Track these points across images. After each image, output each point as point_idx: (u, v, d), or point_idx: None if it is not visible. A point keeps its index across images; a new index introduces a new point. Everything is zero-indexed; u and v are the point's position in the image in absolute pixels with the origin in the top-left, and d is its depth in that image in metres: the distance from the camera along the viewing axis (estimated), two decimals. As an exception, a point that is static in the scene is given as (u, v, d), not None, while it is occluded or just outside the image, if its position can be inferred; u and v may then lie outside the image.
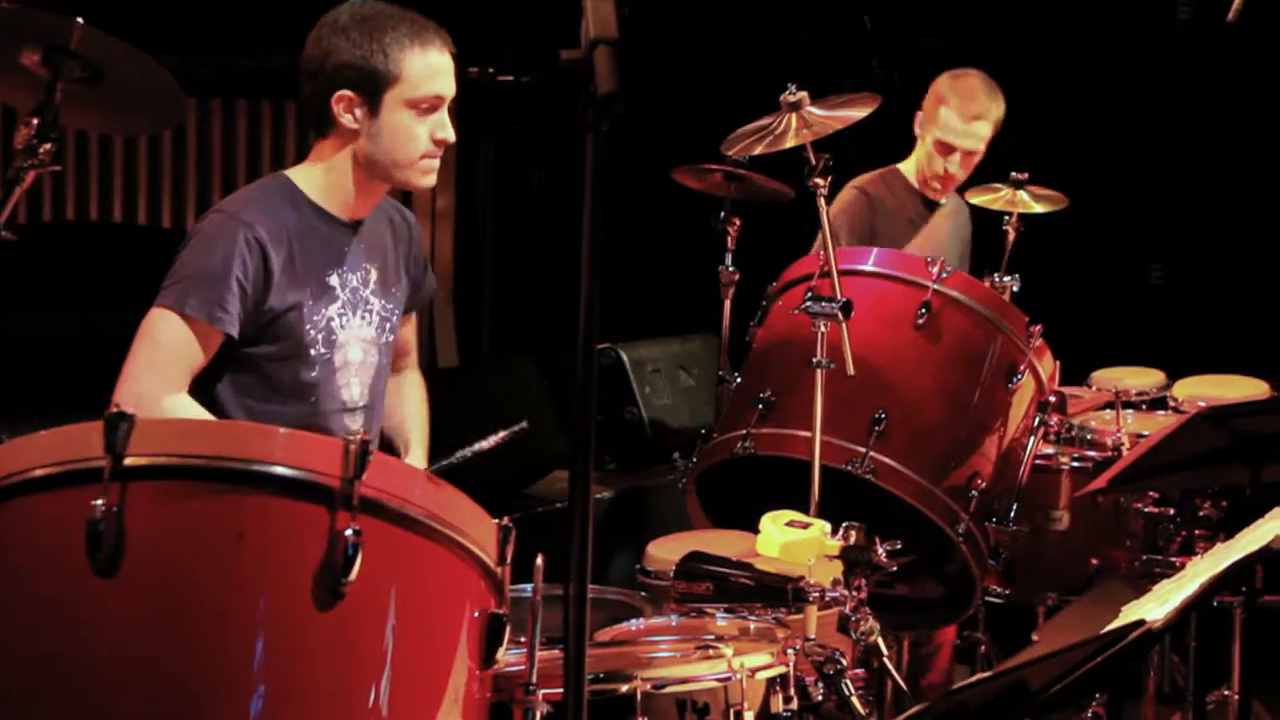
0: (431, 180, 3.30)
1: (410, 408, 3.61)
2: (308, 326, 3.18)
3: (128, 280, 3.11)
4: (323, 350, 3.21)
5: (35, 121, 3.07)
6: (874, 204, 4.86)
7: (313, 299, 3.19)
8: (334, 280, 3.23)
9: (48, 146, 3.08)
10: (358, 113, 3.17)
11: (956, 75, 4.90)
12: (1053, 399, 4.24)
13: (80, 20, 3.04)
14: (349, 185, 3.24)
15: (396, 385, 3.54)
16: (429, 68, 3.18)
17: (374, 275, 3.32)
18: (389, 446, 3.50)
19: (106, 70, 3.13)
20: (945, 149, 4.84)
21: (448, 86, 3.22)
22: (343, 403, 3.26)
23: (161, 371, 3.03)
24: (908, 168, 5.00)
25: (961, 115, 4.80)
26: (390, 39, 3.14)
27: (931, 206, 5.00)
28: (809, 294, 3.86)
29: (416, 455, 3.52)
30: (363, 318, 3.29)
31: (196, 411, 3.01)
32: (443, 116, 3.22)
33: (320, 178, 3.25)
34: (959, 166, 4.86)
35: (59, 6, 3.04)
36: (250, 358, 3.15)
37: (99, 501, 2.13)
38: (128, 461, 2.15)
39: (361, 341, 3.29)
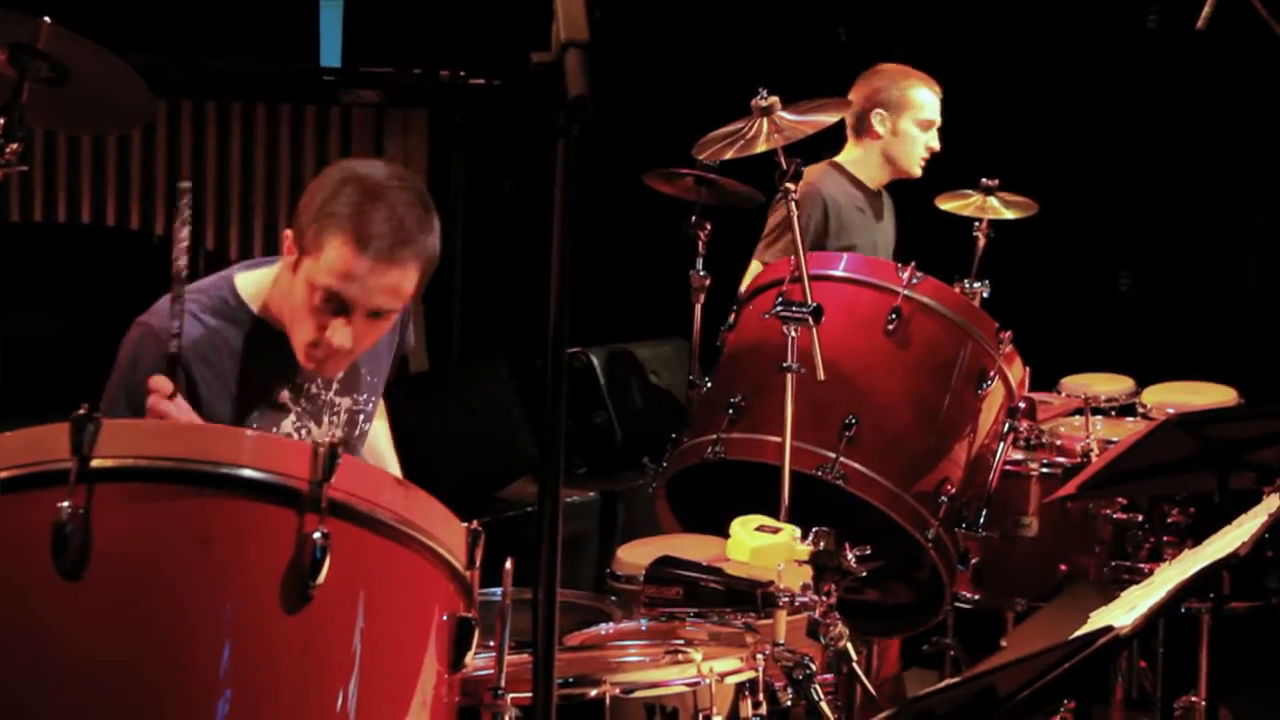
0: (321, 371, 2.96)
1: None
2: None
3: (95, 282, 3.08)
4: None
5: (2, 121, 3.06)
6: (826, 199, 4.86)
7: (258, 420, 2.96)
8: (284, 395, 3.00)
9: (15, 146, 3.07)
10: (290, 259, 2.88)
11: (890, 66, 5.04)
12: (1022, 405, 4.25)
13: (48, 19, 3.03)
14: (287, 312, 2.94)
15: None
16: (344, 266, 2.78)
17: (341, 374, 3.07)
18: None
19: (74, 70, 3.12)
20: (927, 125, 4.95)
21: (366, 298, 2.81)
22: None
23: None
24: (848, 159, 5.03)
25: (932, 91, 4.96)
26: (334, 209, 2.80)
27: (874, 195, 5.04)
28: (780, 299, 3.87)
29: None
30: (329, 422, 3.08)
31: None
32: (340, 327, 2.83)
33: (270, 295, 2.97)
34: (935, 139, 4.98)
35: (26, 5, 3.02)
36: None
37: (65, 503, 2.11)
38: (94, 463, 2.13)
39: None
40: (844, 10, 6.97)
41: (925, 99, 4.94)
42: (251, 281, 3.01)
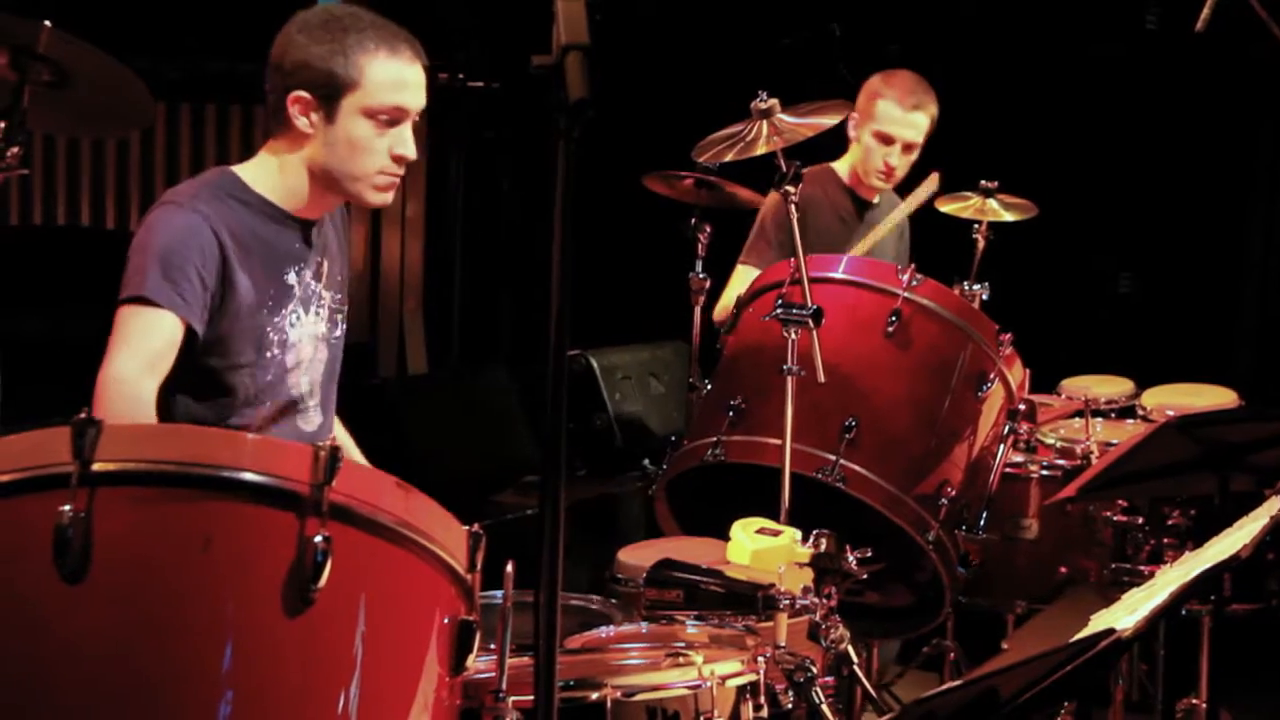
0: (386, 199, 3.13)
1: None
2: (268, 329, 3.05)
3: (95, 285, 3.07)
4: (276, 352, 3.08)
5: (2, 125, 3.06)
6: (799, 202, 4.82)
7: (273, 300, 3.06)
8: (291, 278, 3.10)
9: (15, 150, 3.08)
10: (313, 117, 3.01)
11: (889, 73, 4.93)
12: (1022, 407, 4.25)
13: (48, 23, 3.03)
14: (302, 190, 3.08)
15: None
16: (392, 76, 3.00)
17: (325, 266, 3.19)
18: None
19: (74, 73, 3.12)
20: (885, 139, 4.83)
21: (413, 100, 3.03)
22: (292, 398, 3.13)
23: (127, 368, 2.89)
24: (841, 166, 4.99)
25: (901, 105, 4.82)
26: (353, 40, 2.97)
27: (865, 206, 4.99)
28: (779, 301, 3.87)
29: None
30: (315, 313, 3.16)
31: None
32: (404, 132, 3.04)
33: (273, 177, 3.08)
34: (899, 157, 4.85)
35: (26, 9, 3.02)
36: (208, 365, 3.00)
37: (66, 507, 2.11)
38: (96, 467, 2.13)
39: (313, 338, 3.16)
40: (840, 8, 6.97)
41: (890, 113, 4.81)
42: (248, 171, 3.10)
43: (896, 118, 4.82)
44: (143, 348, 2.92)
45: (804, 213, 4.76)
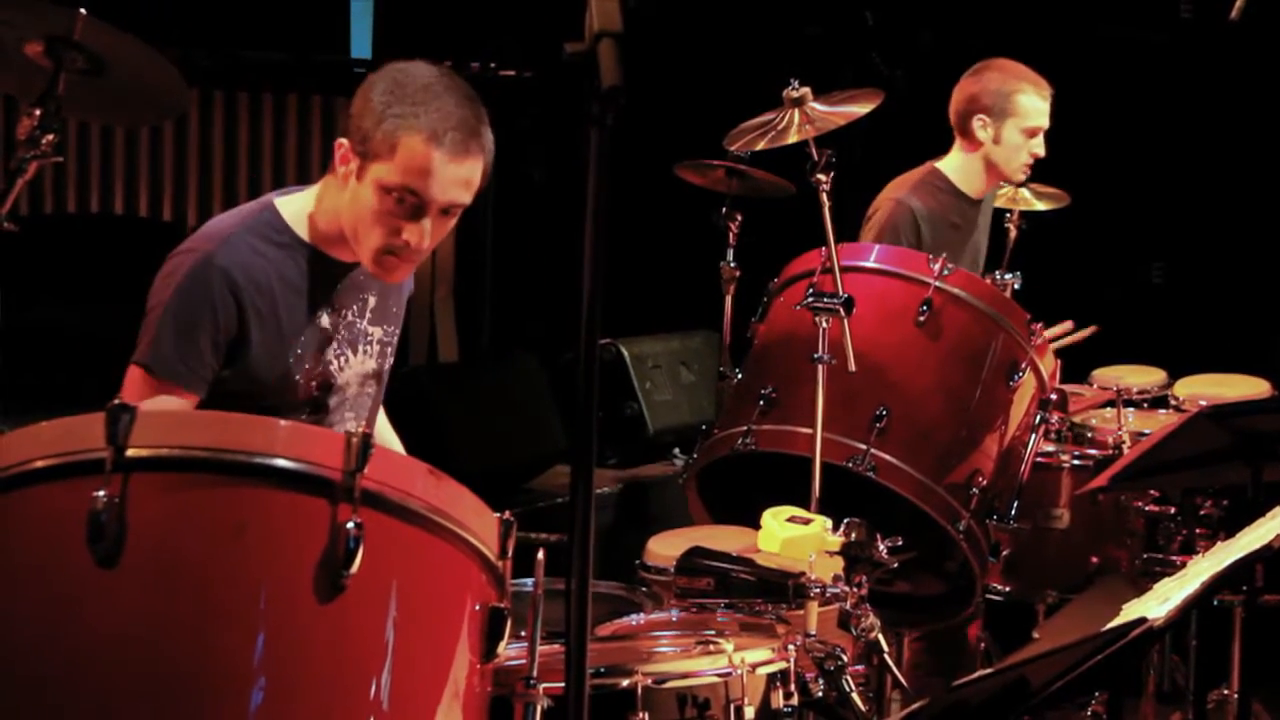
0: (390, 276, 2.99)
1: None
2: (297, 376, 2.99)
3: (128, 273, 3.08)
4: (317, 394, 3.02)
5: (38, 112, 3.08)
6: (918, 218, 4.77)
7: (302, 348, 3.00)
8: (325, 321, 3.03)
9: (50, 137, 3.08)
10: (351, 167, 2.91)
11: (994, 65, 4.83)
12: (1054, 397, 4.23)
13: (83, 11, 3.04)
14: (334, 231, 2.99)
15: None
16: (420, 163, 2.84)
17: (371, 302, 3.11)
18: None
19: (109, 61, 3.13)
20: (1033, 132, 4.77)
21: (438, 191, 2.86)
22: None
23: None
24: (950, 166, 4.87)
25: (1039, 95, 4.76)
26: (405, 112, 2.84)
27: (973, 205, 4.89)
28: (811, 290, 3.86)
29: None
30: (364, 351, 3.11)
31: None
32: (424, 222, 2.88)
33: (317, 216, 3.01)
34: (1041, 145, 4.81)
35: (62, -2, 3.04)
36: (237, 402, 2.90)
37: (100, 492, 2.12)
38: (129, 453, 2.14)
39: (360, 376, 3.11)
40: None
41: (1033, 105, 4.74)
42: (292, 205, 3.04)
43: (1040, 109, 4.77)
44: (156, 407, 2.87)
45: (928, 227, 4.73)
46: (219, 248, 2.93)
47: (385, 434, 3.38)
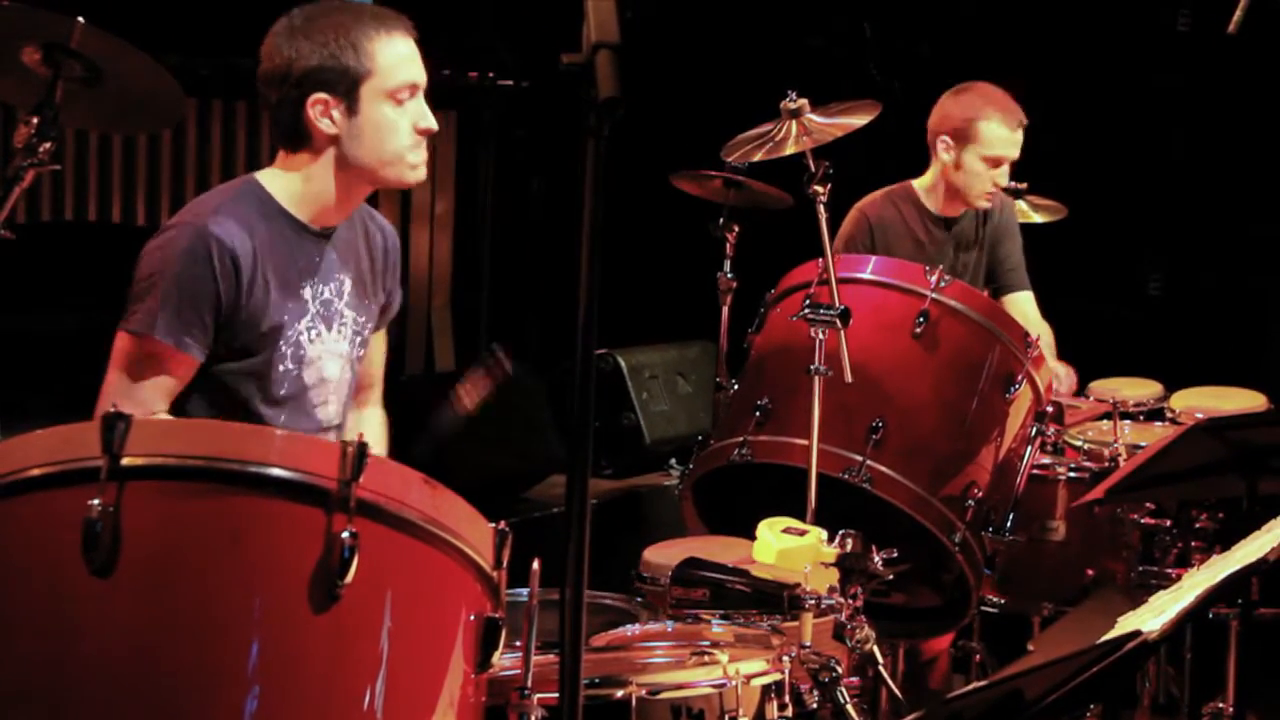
0: (421, 174, 3.16)
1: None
2: (280, 343, 3.05)
3: (125, 281, 3.08)
4: (290, 367, 3.07)
5: (35, 120, 3.07)
6: (873, 228, 4.78)
7: (288, 314, 3.06)
8: (306, 292, 3.10)
9: (47, 145, 3.08)
10: (335, 115, 3.03)
11: (974, 90, 4.80)
12: (1050, 409, 4.24)
13: (81, 19, 3.04)
14: (329, 193, 3.09)
15: (355, 424, 3.31)
16: (399, 55, 3.06)
17: (348, 285, 3.18)
18: None
19: (107, 69, 3.13)
20: (995, 162, 4.72)
21: (419, 73, 3.10)
22: (318, 422, 3.13)
23: (137, 396, 2.93)
24: (922, 183, 4.88)
25: (1007, 125, 4.71)
26: (356, 33, 3.02)
27: (949, 223, 4.89)
28: (807, 301, 3.87)
29: None
30: (337, 331, 3.15)
31: None
32: (421, 105, 3.10)
33: (297, 186, 3.10)
34: (1005, 176, 4.76)
35: (60, 5, 3.04)
36: (220, 375, 3.02)
37: (95, 501, 2.12)
38: (125, 461, 2.14)
39: (337, 356, 3.15)
40: (871, 7, 6.96)
41: (996, 135, 4.70)
42: (275, 180, 3.13)
43: (1005, 139, 4.71)
44: (143, 387, 2.96)
45: (882, 236, 4.74)
46: (212, 218, 2.99)
47: (366, 432, 3.38)
